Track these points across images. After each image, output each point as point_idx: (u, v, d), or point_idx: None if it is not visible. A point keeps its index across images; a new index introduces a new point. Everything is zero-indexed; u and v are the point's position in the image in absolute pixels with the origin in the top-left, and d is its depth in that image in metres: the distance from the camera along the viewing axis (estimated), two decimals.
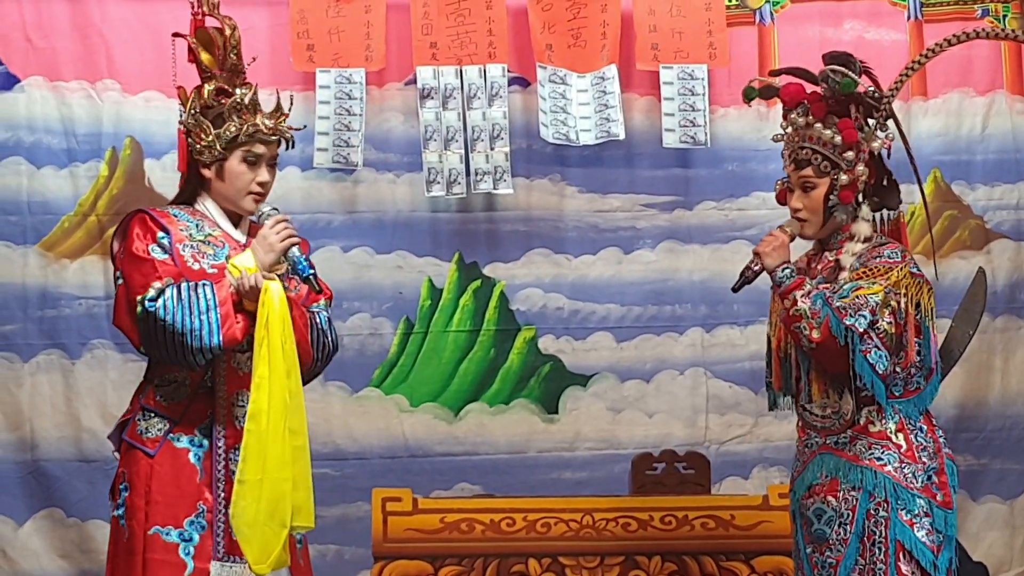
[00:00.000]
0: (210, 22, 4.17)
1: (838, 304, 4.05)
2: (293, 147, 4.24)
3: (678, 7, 5.62)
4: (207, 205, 4.14)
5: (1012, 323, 5.87)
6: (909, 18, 5.86)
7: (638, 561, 5.63)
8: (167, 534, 3.95)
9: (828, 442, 4.17)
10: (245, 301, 3.93)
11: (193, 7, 4.20)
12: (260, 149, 4.08)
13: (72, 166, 5.59)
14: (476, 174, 5.55)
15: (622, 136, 5.58)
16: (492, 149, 5.54)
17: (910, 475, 4.09)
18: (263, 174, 4.10)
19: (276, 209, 4.10)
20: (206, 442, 4.01)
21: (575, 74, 5.60)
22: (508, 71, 5.56)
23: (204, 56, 4.16)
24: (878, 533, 4.05)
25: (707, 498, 5.68)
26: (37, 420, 5.53)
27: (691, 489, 5.70)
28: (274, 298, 3.88)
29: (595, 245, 5.79)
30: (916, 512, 4.07)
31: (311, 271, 4.00)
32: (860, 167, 4.18)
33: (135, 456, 4.02)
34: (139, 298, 3.91)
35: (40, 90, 5.59)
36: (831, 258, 4.24)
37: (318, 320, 4.13)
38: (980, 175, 5.88)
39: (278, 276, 3.97)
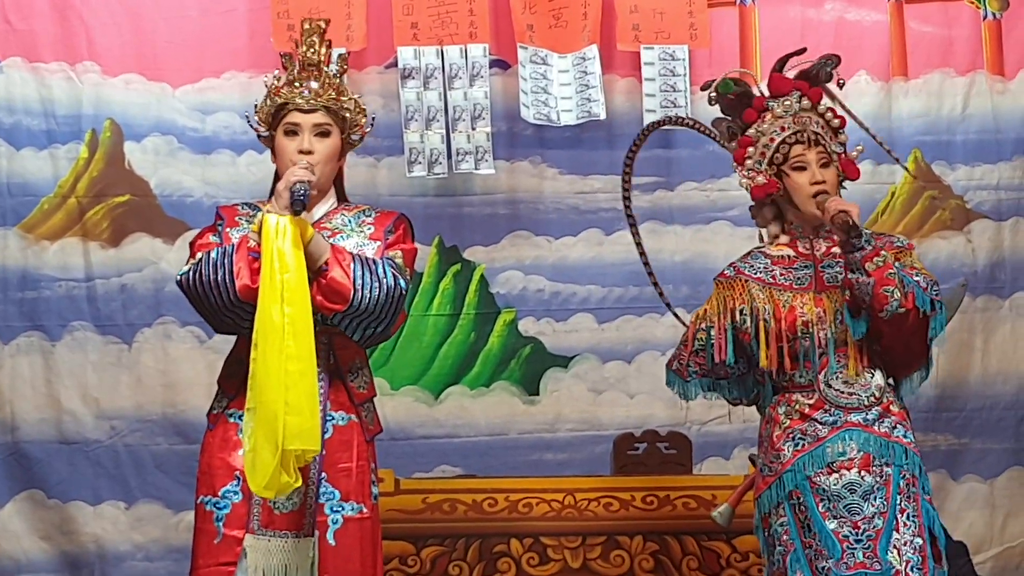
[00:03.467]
0: None
1: (917, 277, 4.13)
2: (363, 115, 4.25)
3: None
4: None
5: (992, 303, 5.87)
6: None
7: (620, 541, 5.64)
8: (207, 503, 4.02)
9: (854, 419, 4.16)
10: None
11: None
12: (296, 118, 4.12)
13: (52, 148, 5.61)
14: (457, 154, 5.53)
15: (603, 116, 5.55)
16: (473, 129, 5.52)
17: (919, 455, 4.19)
18: (304, 142, 4.10)
19: (309, 164, 4.06)
20: None
21: (556, 54, 5.58)
22: (488, 53, 5.54)
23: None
24: (911, 508, 4.09)
25: (689, 478, 5.68)
26: (17, 402, 5.56)
27: (673, 469, 5.70)
28: (269, 230, 3.89)
29: (576, 227, 5.78)
30: (929, 491, 4.17)
31: (301, 195, 3.90)
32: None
33: (205, 432, 4.12)
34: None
35: (19, 71, 5.59)
36: (825, 246, 4.27)
37: (372, 263, 4.05)
38: (960, 155, 5.87)
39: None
